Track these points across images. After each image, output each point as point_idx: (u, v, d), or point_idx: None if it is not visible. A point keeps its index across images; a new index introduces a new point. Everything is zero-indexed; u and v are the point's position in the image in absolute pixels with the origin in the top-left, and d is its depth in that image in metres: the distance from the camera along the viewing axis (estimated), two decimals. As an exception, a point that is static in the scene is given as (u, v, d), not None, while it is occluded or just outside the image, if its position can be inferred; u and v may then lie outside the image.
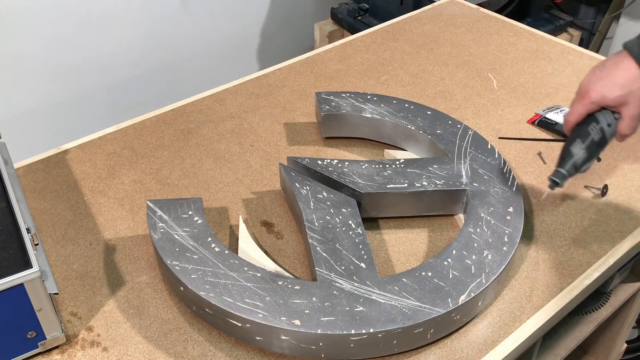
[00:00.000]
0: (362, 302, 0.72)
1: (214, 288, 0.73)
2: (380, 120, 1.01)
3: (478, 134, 0.98)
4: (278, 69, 1.27)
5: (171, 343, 0.74)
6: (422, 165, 0.91)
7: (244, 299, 0.72)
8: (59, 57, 1.78)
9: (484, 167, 0.91)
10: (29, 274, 0.65)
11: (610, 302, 1.14)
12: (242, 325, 0.71)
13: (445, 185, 0.88)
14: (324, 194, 0.87)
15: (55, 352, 0.73)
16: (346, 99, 1.05)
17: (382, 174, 0.89)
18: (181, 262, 0.76)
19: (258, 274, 0.75)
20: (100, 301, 0.79)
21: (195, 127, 1.09)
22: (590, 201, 0.94)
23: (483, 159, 0.93)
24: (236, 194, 0.96)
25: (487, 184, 0.89)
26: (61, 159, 1.03)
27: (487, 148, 0.95)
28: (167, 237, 0.80)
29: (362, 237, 0.81)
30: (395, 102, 1.04)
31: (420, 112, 1.02)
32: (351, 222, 0.83)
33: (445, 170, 0.90)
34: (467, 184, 0.88)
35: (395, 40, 1.37)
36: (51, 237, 0.88)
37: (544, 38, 1.37)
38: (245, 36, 2.21)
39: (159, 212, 0.83)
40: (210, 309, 0.72)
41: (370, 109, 1.03)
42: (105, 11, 1.80)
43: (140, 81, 1.98)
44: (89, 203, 0.94)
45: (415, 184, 0.88)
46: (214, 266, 0.76)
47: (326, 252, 0.78)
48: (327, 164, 0.91)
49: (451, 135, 0.97)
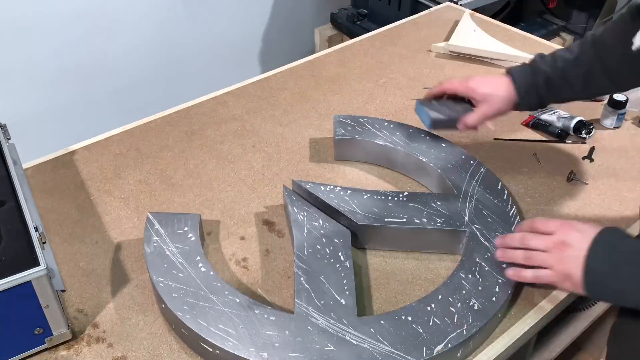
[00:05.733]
0: (335, 341, 0.70)
1: (191, 309, 0.73)
2: (393, 150, 0.99)
3: (491, 172, 0.94)
4: (279, 72, 1.28)
5: (175, 339, 0.75)
6: (425, 201, 0.88)
7: (218, 325, 0.71)
8: (67, 61, 1.80)
9: (489, 208, 0.87)
10: (37, 271, 0.66)
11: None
12: (212, 350, 0.71)
13: (445, 224, 0.84)
14: (320, 221, 0.86)
15: (61, 348, 0.74)
16: (363, 124, 1.03)
17: (383, 206, 0.87)
18: (166, 279, 0.77)
19: (237, 300, 0.74)
20: (105, 298, 0.80)
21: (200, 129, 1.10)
22: (583, 200, 0.96)
23: (490, 200, 0.89)
24: (238, 194, 0.97)
25: (489, 227, 0.84)
26: (68, 159, 1.04)
27: (496, 188, 0.91)
28: (158, 252, 0.80)
29: (348, 271, 0.78)
30: (411, 130, 1.02)
31: (435, 144, 0.99)
32: (341, 254, 0.81)
33: (448, 208, 0.87)
34: (468, 224, 0.85)
35: (394, 45, 1.39)
36: (58, 236, 0.90)
37: (538, 42, 1.39)
38: (247, 40, 2.23)
39: (156, 226, 0.84)
40: (185, 329, 0.73)
41: (385, 136, 1.01)
42: (111, 17, 1.82)
43: (146, 84, 2.00)
44: (95, 202, 0.96)
45: (415, 219, 0.85)
46: (197, 287, 0.76)
47: (309, 283, 0.77)
48: (329, 190, 0.89)
49: (462, 171, 0.94)
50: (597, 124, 1.11)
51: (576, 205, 0.95)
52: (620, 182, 1.00)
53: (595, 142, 1.08)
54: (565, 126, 1.09)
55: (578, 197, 0.97)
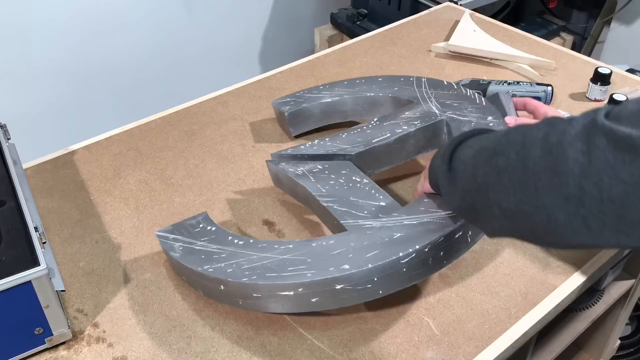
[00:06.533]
0: (398, 229, 0.73)
1: (253, 272, 0.71)
2: (340, 100, 1.04)
3: (432, 78, 1.03)
4: (279, 72, 1.28)
5: (175, 339, 0.75)
6: (396, 116, 0.95)
7: (287, 268, 0.70)
8: (67, 61, 1.80)
9: (449, 98, 0.97)
10: (37, 271, 0.66)
11: (604, 299, 1.15)
12: (293, 293, 0.69)
13: (422, 122, 0.92)
14: (319, 167, 0.88)
15: (61, 348, 0.74)
16: (301, 96, 1.08)
17: (364, 135, 0.92)
18: (212, 265, 0.74)
19: (290, 246, 0.74)
20: (105, 298, 0.80)
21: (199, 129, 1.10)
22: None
23: (446, 93, 0.98)
24: (238, 194, 0.97)
25: (460, 109, 0.93)
26: (68, 159, 1.04)
27: (444, 85, 1.01)
28: (188, 251, 0.77)
29: (371, 184, 0.82)
30: (346, 82, 1.08)
31: (372, 81, 1.07)
32: (355, 177, 0.84)
33: (417, 112, 0.95)
34: (442, 114, 0.93)
35: (393, 44, 1.39)
36: (58, 236, 0.90)
37: (537, 42, 1.39)
38: (247, 40, 2.23)
39: (171, 236, 0.81)
40: (257, 291, 0.70)
41: (327, 94, 1.06)
42: (111, 17, 1.82)
43: (146, 84, 2.00)
44: (95, 202, 0.96)
45: (397, 130, 0.92)
46: (246, 255, 0.74)
47: (344, 206, 0.79)
48: (309, 146, 0.93)
49: (409, 87, 1.02)
50: (597, 124, 1.11)
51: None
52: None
53: (595, 142, 1.08)
54: (565, 126, 1.09)
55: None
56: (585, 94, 1.19)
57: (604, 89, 1.16)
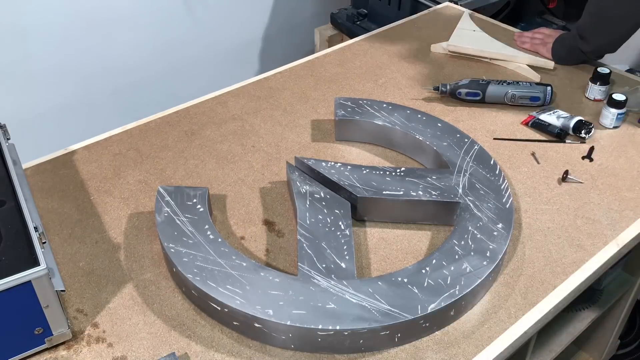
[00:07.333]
0: (335, 299, 0.74)
1: (201, 272, 0.77)
2: (391, 129, 1.03)
3: (484, 149, 0.98)
4: (279, 72, 1.29)
5: (174, 339, 0.75)
6: (422, 176, 0.92)
7: (226, 285, 0.75)
8: (66, 61, 1.80)
9: (482, 182, 0.92)
10: (37, 271, 0.67)
11: (604, 299, 1.16)
12: (221, 309, 0.74)
13: (439, 196, 0.89)
14: (321, 194, 0.90)
15: (61, 348, 0.74)
16: (362, 105, 1.07)
17: (381, 180, 0.91)
18: (176, 246, 0.80)
19: (244, 264, 0.78)
20: (105, 298, 0.80)
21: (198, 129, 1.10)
22: (582, 200, 0.96)
23: (483, 174, 0.93)
24: (238, 194, 0.97)
25: (481, 199, 0.89)
26: (68, 159, 1.04)
27: (489, 164, 0.95)
28: (169, 221, 0.84)
29: (348, 238, 0.83)
30: (409, 112, 1.06)
31: (431, 123, 1.04)
32: (341, 223, 0.85)
33: (443, 182, 0.91)
34: (462, 196, 0.89)
35: (393, 44, 1.39)
36: (58, 236, 0.90)
37: (540, 42, 1.39)
38: (247, 40, 2.23)
39: (166, 197, 0.88)
40: (195, 291, 0.76)
41: (383, 117, 1.05)
42: (111, 16, 1.82)
43: (145, 84, 2.00)
44: (95, 202, 0.96)
45: (411, 192, 0.89)
46: (206, 252, 0.80)
47: (311, 249, 0.81)
48: (330, 166, 0.93)
49: (457, 148, 0.98)
50: (596, 124, 1.11)
51: (575, 204, 0.95)
52: (620, 181, 1.00)
53: (595, 142, 1.08)
54: (564, 126, 1.09)
55: (577, 196, 0.97)
56: (584, 94, 1.20)
57: (604, 88, 1.16)
